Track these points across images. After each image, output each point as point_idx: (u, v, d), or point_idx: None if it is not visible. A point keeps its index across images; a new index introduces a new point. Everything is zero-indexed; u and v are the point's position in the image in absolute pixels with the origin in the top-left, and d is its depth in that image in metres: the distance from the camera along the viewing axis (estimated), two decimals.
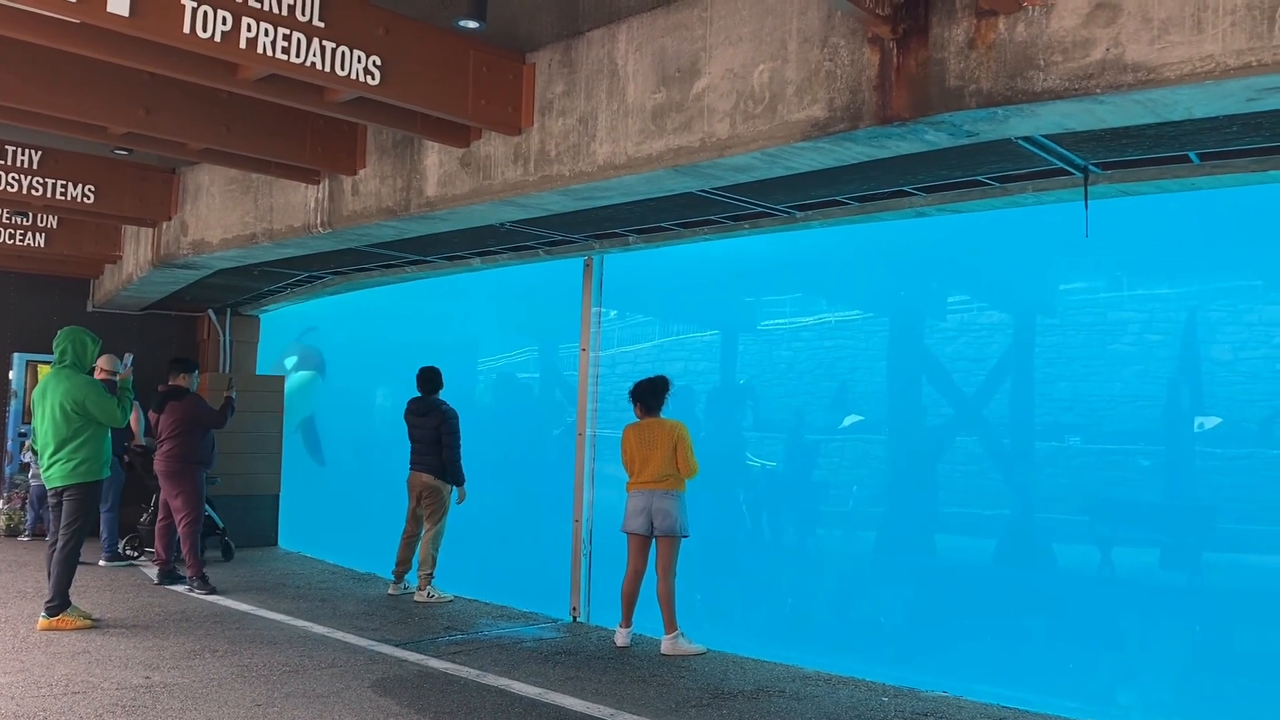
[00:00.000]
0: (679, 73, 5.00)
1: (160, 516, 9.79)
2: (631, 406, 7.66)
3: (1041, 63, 3.80)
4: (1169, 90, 3.61)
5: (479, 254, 9.22)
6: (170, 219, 9.36)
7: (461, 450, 9.38)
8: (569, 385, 12.07)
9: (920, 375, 13.47)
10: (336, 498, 15.11)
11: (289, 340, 16.75)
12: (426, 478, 9.31)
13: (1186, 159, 4.99)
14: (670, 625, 7.30)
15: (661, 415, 7.54)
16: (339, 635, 7.57)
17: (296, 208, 7.79)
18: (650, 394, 7.56)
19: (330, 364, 17.38)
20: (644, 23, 5.19)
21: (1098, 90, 3.69)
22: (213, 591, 9.16)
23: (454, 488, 9.39)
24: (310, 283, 11.54)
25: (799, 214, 6.68)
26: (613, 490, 8.58)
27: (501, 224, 7.22)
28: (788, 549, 14.33)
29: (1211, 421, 12.59)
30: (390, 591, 9.57)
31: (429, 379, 9.47)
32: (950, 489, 13.86)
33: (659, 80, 5.10)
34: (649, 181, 5.43)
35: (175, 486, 9.24)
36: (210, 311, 13.74)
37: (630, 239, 7.81)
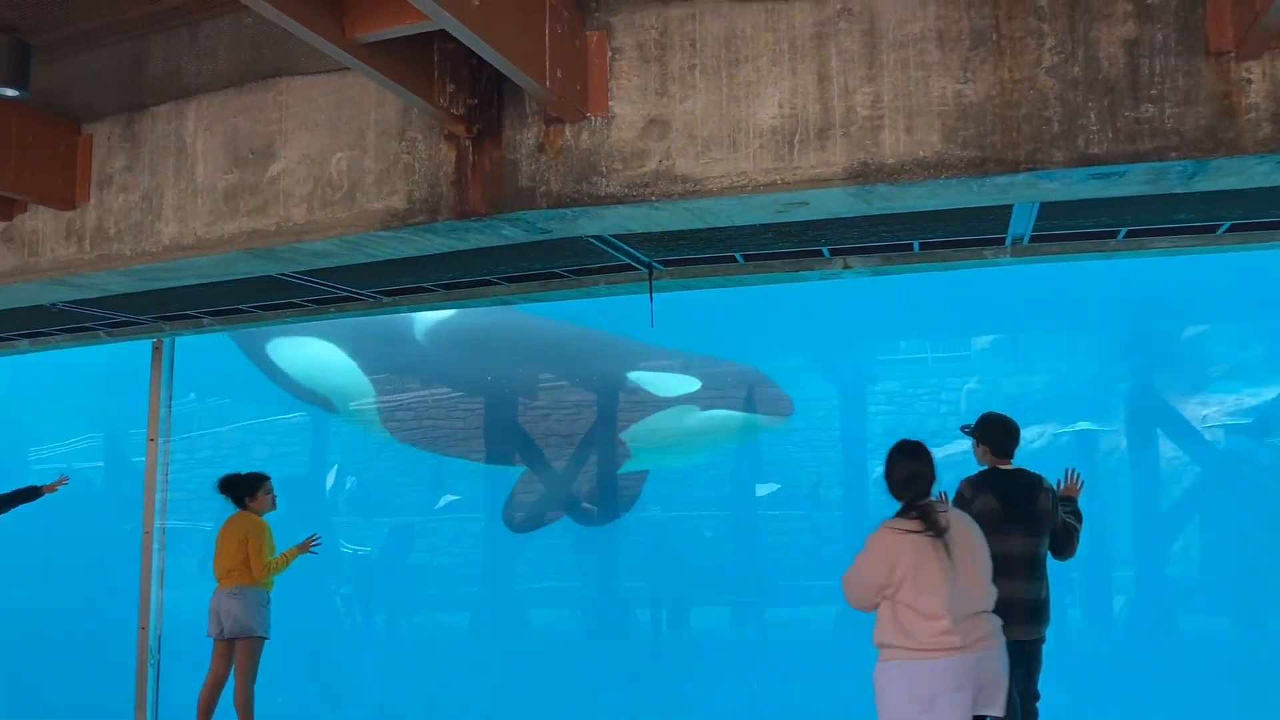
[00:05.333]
0: (253, 154, 4.84)
1: None
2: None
3: (604, 169, 4.09)
4: (713, 200, 4.03)
5: (27, 335, 8.29)
6: None
7: None
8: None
9: (515, 452, 13.79)
10: None
11: None
12: None
13: (734, 259, 5.56)
14: None
15: (250, 507, 7.08)
16: None
17: None
18: (229, 488, 7.12)
19: None
20: (215, 101, 4.98)
21: (653, 197, 4.04)
22: None
23: None
24: None
25: (386, 299, 6.64)
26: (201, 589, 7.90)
27: (53, 305, 6.55)
28: (382, 638, 13.98)
29: (768, 488, 13.93)
30: None
31: None
32: (543, 564, 14.24)
33: (231, 161, 4.91)
34: (222, 264, 5.18)
35: None
36: None
37: (205, 320, 7.38)
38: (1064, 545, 5.08)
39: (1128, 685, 10.75)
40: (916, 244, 5.40)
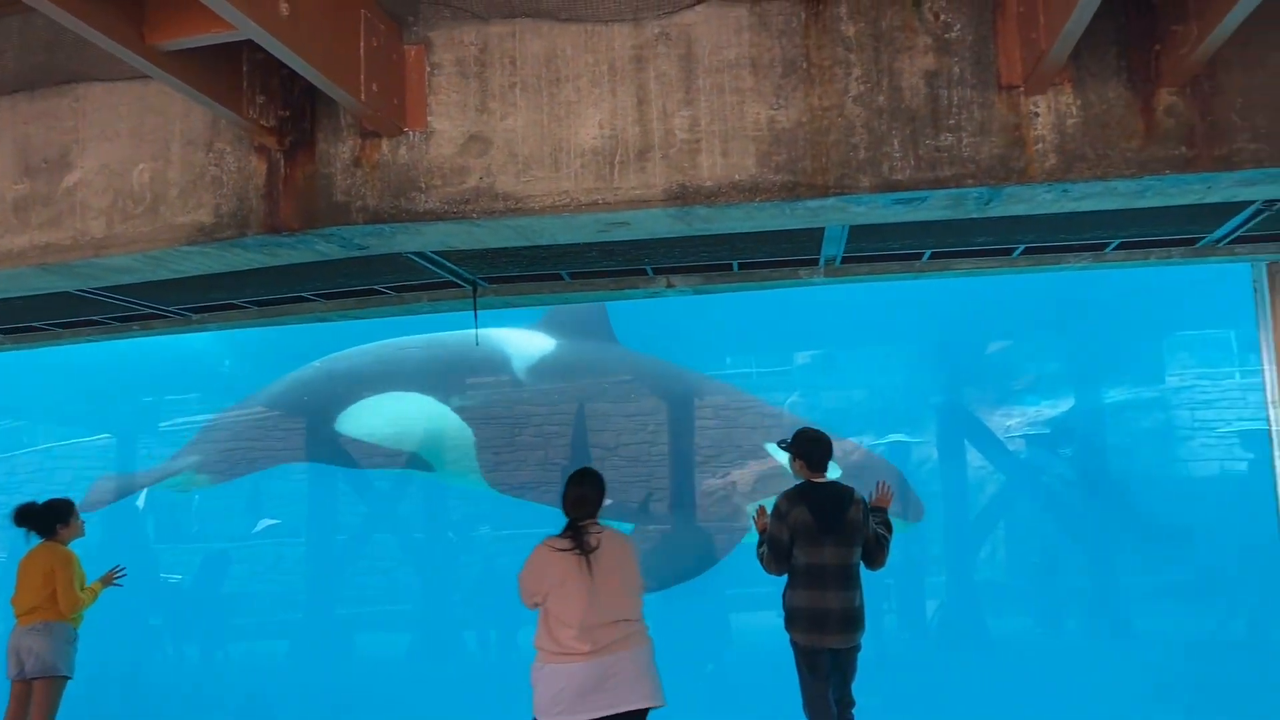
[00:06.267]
0: (46, 164, 4.55)
1: None
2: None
3: (423, 185, 4.02)
4: (534, 219, 4.02)
5: None
6: None
7: None
8: None
9: (336, 474, 13.38)
10: None
11: None
12: None
13: (559, 277, 5.56)
14: None
15: (60, 535, 6.57)
16: None
17: None
18: (30, 518, 6.60)
19: None
20: (4, 106, 4.67)
21: (474, 214, 4.00)
22: None
23: None
24: None
25: (195, 316, 6.36)
26: None
27: None
28: (196, 670, 13.33)
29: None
30: None
31: None
32: (368, 587, 13.87)
33: (22, 170, 4.60)
34: (12, 279, 4.84)
35: None
36: None
37: None
38: (875, 555, 5.26)
39: (941, 687, 11.24)
40: (736, 264, 5.53)
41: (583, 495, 4.74)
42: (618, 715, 4.49)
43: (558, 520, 4.78)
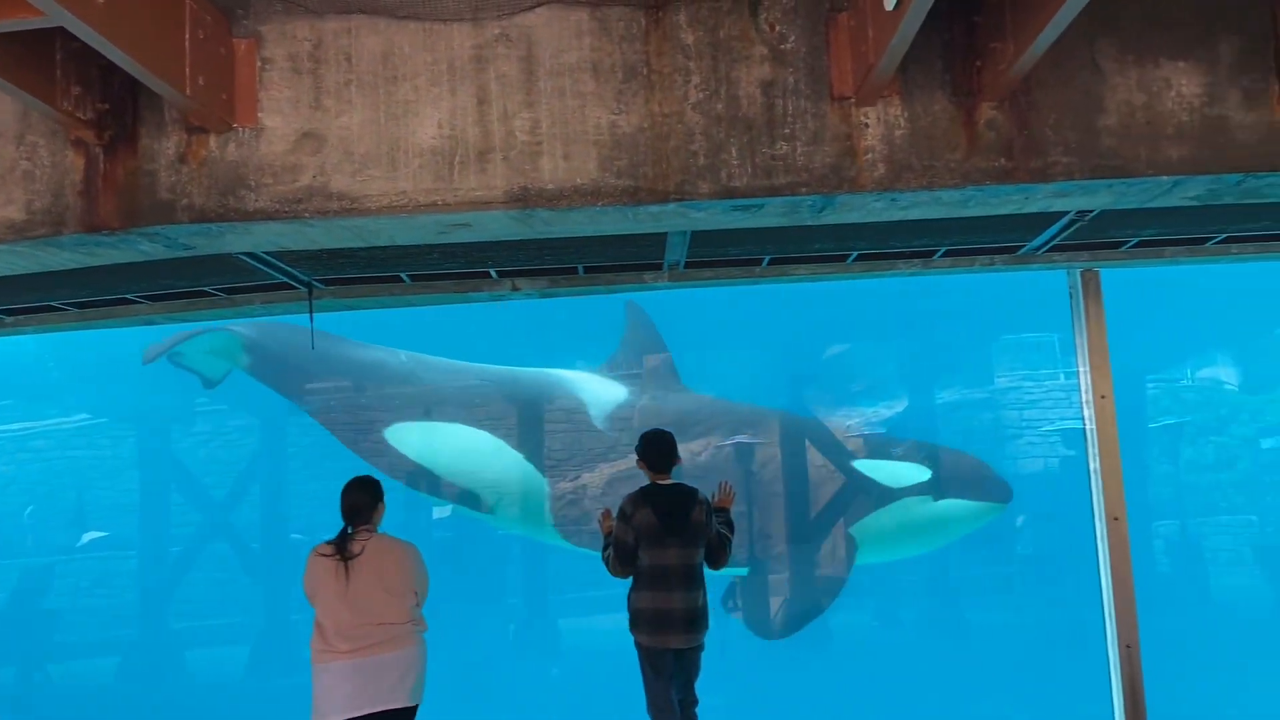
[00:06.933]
0: None
1: None
2: None
3: (253, 183, 3.88)
4: (371, 219, 3.93)
5: None
6: None
7: None
8: None
9: (169, 483, 12.83)
10: None
11: None
12: None
13: (399, 279, 5.45)
14: None
15: None
16: None
17: None
18: None
19: None
20: None
21: (307, 214, 3.88)
22: None
23: None
24: None
25: (8, 319, 5.98)
26: None
27: None
28: (13, 691, 12.53)
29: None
30: None
31: None
32: (203, 600, 13.31)
33: None
34: None
35: None
36: None
37: None
38: (718, 555, 5.33)
39: (784, 684, 11.49)
40: (581, 267, 5.53)
41: (355, 503, 4.93)
42: (378, 714, 4.71)
43: None
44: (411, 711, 4.86)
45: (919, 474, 11.15)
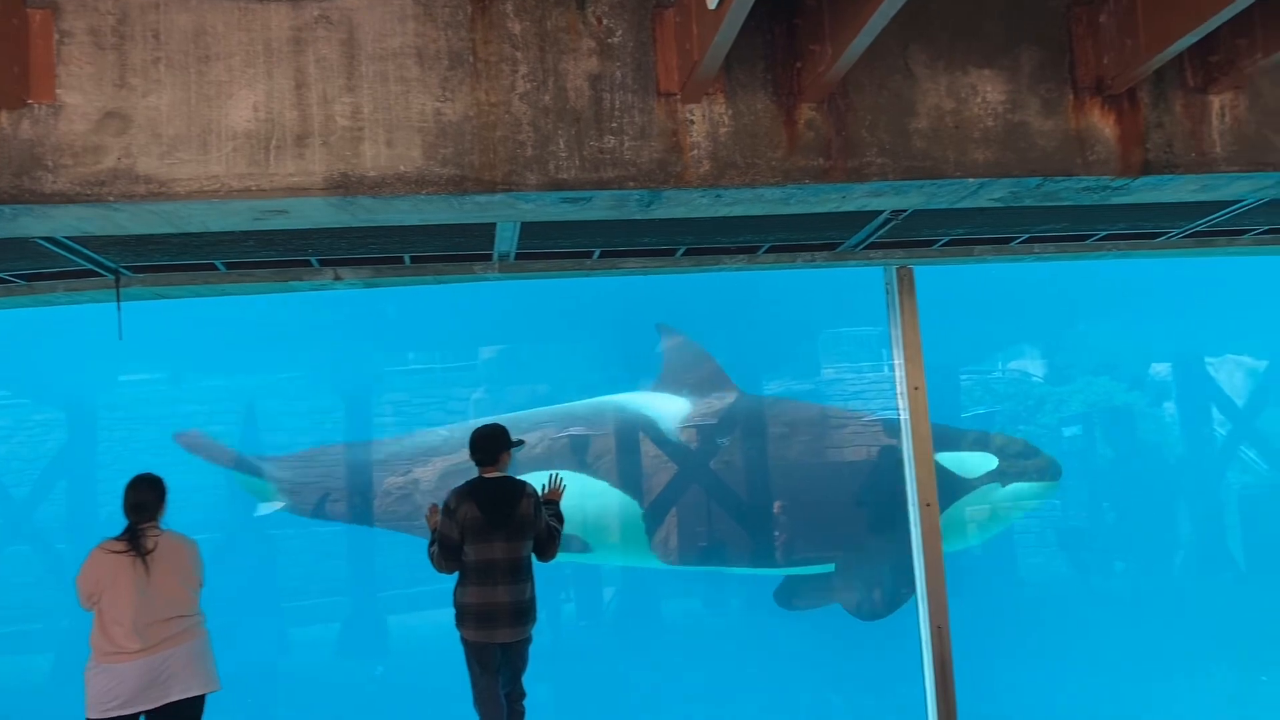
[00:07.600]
0: None
1: None
2: None
3: (51, 164, 3.65)
4: (181, 204, 3.75)
5: None
6: None
7: None
8: None
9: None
10: None
11: None
12: None
13: (214, 267, 5.23)
14: None
15: None
16: None
17: None
18: None
19: None
20: None
21: (111, 198, 3.67)
22: None
23: None
24: None
25: None
26: None
27: None
28: None
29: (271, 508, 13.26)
30: None
31: None
32: (4, 606, 12.49)
33: None
34: None
35: None
36: None
37: None
38: (546, 547, 5.34)
39: (615, 673, 11.60)
40: (408, 257, 5.43)
41: (140, 501, 4.96)
42: (170, 705, 4.78)
43: None
44: (202, 700, 4.91)
45: (988, 463, 11.71)
